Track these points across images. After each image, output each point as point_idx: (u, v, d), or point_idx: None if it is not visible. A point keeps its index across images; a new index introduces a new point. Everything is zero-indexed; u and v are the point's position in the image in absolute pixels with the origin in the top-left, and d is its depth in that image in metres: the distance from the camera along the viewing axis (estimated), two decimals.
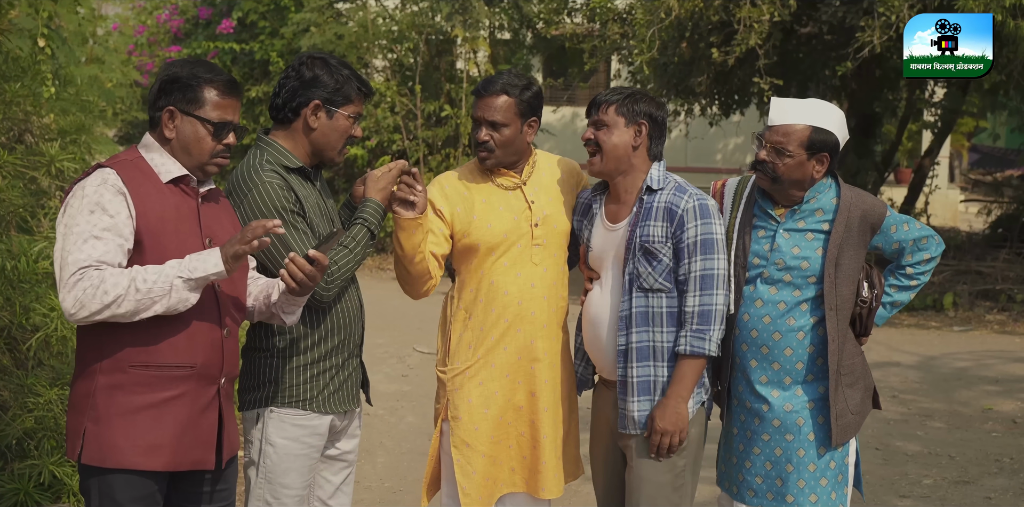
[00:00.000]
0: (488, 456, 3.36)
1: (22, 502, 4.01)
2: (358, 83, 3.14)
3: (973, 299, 10.69)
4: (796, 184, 3.24)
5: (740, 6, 9.53)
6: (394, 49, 13.75)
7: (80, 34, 6.99)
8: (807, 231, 3.24)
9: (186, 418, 2.72)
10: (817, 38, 11.13)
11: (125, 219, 2.63)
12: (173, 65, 2.81)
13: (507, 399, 3.37)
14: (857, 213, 3.23)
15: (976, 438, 6.32)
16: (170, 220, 2.71)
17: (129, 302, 2.57)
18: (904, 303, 3.44)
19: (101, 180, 2.64)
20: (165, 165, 2.75)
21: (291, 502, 3.13)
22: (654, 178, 3.23)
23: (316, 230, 3.08)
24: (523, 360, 3.36)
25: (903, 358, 8.61)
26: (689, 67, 10.90)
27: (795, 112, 3.21)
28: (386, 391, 7.17)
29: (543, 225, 3.38)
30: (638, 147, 3.23)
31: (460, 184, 3.39)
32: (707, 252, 3.15)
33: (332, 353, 3.15)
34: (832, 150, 3.21)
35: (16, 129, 5.29)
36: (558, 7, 12.52)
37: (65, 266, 2.57)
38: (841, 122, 3.26)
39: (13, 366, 4.25)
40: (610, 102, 3.25)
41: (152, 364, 2.67)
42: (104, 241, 2.59)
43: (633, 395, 3.20)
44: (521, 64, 14.62)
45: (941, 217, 16.68)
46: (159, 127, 2.78)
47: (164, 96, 2.75)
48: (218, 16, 14.68)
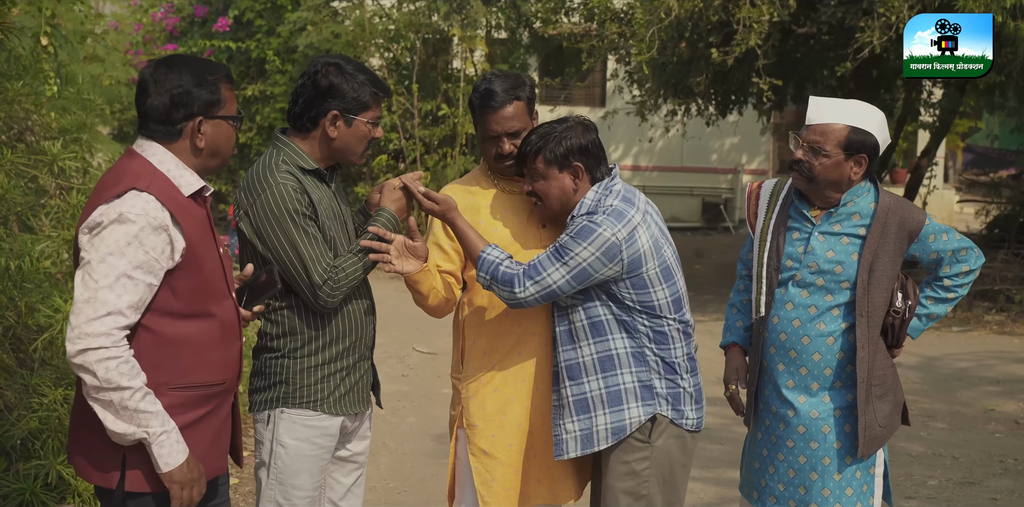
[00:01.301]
0: (508, 465, 3.29)
1: (28, 502, 3.98)
2: (374, 87, 3.10)
3: (971, 299, 10.69)
4: (833, 185, 3.17)
5: (740, 6, 9.53)
6: (391, 48, 13.73)
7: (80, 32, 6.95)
8: (843, 235, 3.18)
9: (215, 431, 2.72)
10: (816, 38, 11.14)
11: (159, 255, 2.53)
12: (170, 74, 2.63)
13: (524, 405, 3.30)
14: (895, 219, 3.17)
15: (979, 439, 6.33)
16: (202, 238, 2.66)
17: (119, 401, 2.48)
18: (940, 316, 3.36)
19: (142, 210, 2.52)
20: (184, 177, 2.65)
21: (302, 503, 3.11)
22: (584, 204, 3.15)
23: (328, 233, 3.06)
24: (539, 366, 3.30)
25: (903, 358, 8.60)
26: (688, 67, 10.90)
27: (834, 112, 3.14)
28: (387, 391, 7.13)
29: (552, 226, 3.34)
30: (578, 188, 3.18)
31: (464, 192, 3.35)
32: (553, 257, 3.06)
33: (343, 355, 3.12)
34: (871, 152, 3.15)
35: (17, 127, 5.26)
36: (555, 6, 12.51)
37: (93, 301, 2.47)
38: (882, 124, 3.19)
39: (17, 366, 4.22)
40: (536, 152, 3.16)
41: (191, 385, 2.64)
42: (135, 282, 2.50)
43: (571, 415, 3.16)
44: (518, 63, 14.61)
45: (937, 217, 16.53)
46: (185, 139, 2.65)
47: (182, 107, 2.62)
48: (214, 14, 14.65)
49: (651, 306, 3.14)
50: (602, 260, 3.05)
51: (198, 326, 2.63)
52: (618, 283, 3.11)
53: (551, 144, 3.15)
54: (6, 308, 4.16)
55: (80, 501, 4.17)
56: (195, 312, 2.63)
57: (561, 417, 3.18)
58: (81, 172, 5.13)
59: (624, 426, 3.13)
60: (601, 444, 3.15)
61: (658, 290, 3.14)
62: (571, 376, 3.16)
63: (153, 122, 2.63)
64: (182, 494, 2.57)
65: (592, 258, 3.04)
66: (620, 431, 3.13)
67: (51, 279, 4.46)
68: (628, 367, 3.14)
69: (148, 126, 2.65)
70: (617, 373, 3.14)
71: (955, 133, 21.40)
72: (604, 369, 3.13)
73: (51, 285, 4.39)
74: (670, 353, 3.18)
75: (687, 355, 3.23)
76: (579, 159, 3.16)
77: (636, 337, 3.14)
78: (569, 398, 3.16)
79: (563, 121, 3.23)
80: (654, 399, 3.15)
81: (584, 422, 3.14)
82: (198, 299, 2.63)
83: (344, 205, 3.22)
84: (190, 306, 2.61)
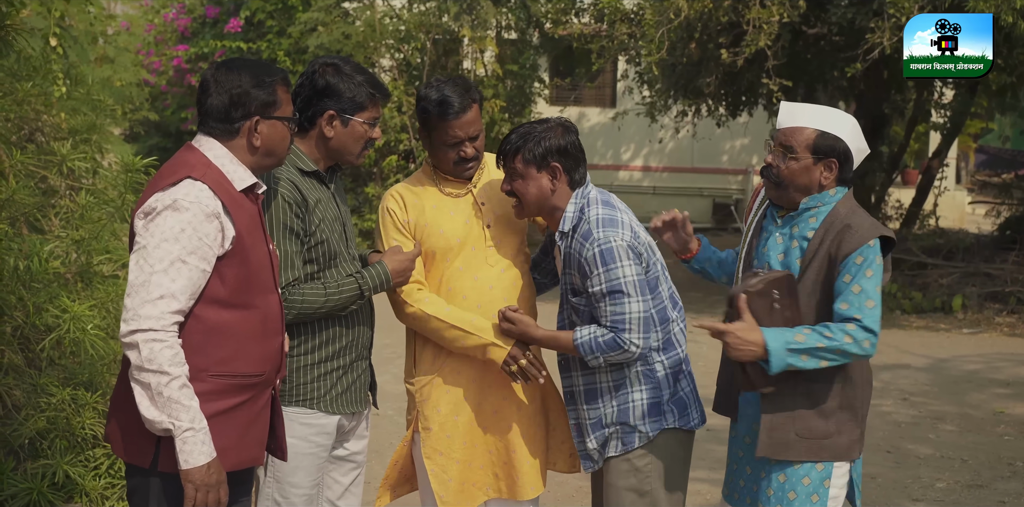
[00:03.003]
0: (463, 461, 3.34)
1: (35, 501, 4.00)
2: (372, 89, 3.10)
3: (982, 301, 10.66)
4: (802, 191, 3.07)
5: (749, 7, 9.52)
6: (401, 49, 13.75)
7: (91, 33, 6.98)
8: (796, 238, 3.09)
9: (248, 420, 2.74)
10: (826, 39, 11.11)
11: (211, 242, 2.60)
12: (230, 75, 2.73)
13: (477, 404, 3.33)
14: (837, 228, 3.00)
15: (988, 441, 6.30)
16: (251, 231, 2.72)
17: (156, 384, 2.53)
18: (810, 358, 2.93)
19: (196, 198, 2.60)
20: (237, 172, 2.73)
21: (300, 501, 3.13)
22: (567, 219, 3.17)
23: (322, 235, 3.06)
24: (488, 364, 3.31)
25: (913, 360, 8.59)
26: (697, 68, 10.88)
27: (804, 116, 3.08)
28: (393, 392, 7.14)
29: (496, 226, 3.34)
30: (556, 189, 3.18)
31: (411, 193, 3.36)
32: (615, 299, 3.08)
33: (339, 354, 3.14)
34: (841, 157, 3.05)
35: (27, 128, 5.28)
36: (566, 7, 12.51)
37: (148, 284, 2.54)
38: (854, 131, 3.10)
39: (26, 366, 4.24)
40: (515, 151, 3.17)
41: (229, 373, 2.68)
42: (188, 267, 2.56)
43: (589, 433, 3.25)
44: (528, 64, 14.61)
45: (949, 218, 16.65)
46: (242, 137, 2.73)
47: (240, 107, 2.71)
48: (225, 15, 14.70)
49: (663, 308, 3.19)
50: (635, 263, 3.10)
51: (242, 316, 2.69)
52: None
53: (530, 144, 3.16)
54: (14, 308, 4.18)
55: (87, 500, 4.19)
56: (239, 302, 2.68)
57: (581, 435, 3.28)
58: (91, 172, 5.16)
59: (633, 440, 3.21)
60: (611, 452, 3.23)
61: (663, 284, 3.22)
62: (588, 400, 3.24)
63: (213, 120, 2.74)
64: (196, 495, 2.58)
65: (631, 267, 3.08)
66: (629, 443, 3.21)
67: (60, 279, 4.48)
68: (639, 385, 3.20)
69: (208, 123, 2.75)
70: (628, 392, 3.20)
71: (967, 134, 21.30)
72: (618, 391, 3.20)
73: (60, 285, 4.41)
74: (677, 357, 3.24)
75: (686, 356, 3.30)
76: (557, 160, 3.16)
77: (647, 354, 3.18)
78: (587, 420, 3.24)
79: (544, 122, 3.23)
80: (660, 415, 3.21)
81: (599, 437, 3.23)
82: (244, 289, 2.69)
83: (344, 206, 3.23)
84: (235, 295, 2.67)
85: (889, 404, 7.17)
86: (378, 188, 13.36)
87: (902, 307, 10.64)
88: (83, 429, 4.16)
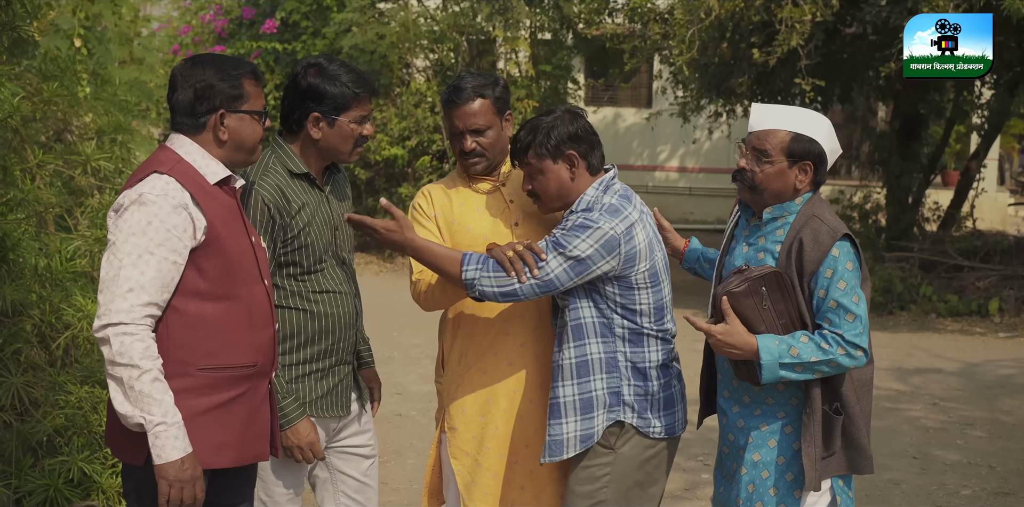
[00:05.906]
0: (486, 469, 3.27)
1: (52, 498, 4.04)
2: (355, 88, 3.05)
3: (1020, 305, 10.47)
4: (777, 195, 3.00)
5: (782, 6, 9.42)
6: (435, 49, 13.77)
7: (121, 34, 7.04)
8: (761, 249, 3.02)
9: (247, 414, 2.75)
10: (861, 38, 10.97)
11: (181, 233, 2.61)
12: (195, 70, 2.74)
13: (501, 408, 3.27)
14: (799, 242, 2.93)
15: (1019, 448, 6.19)
16: (227, 222, 2.73)
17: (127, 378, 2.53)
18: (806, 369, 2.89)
19: (162, 191, 2.62)
20: (209, 166, 2.74)
21: (284, 499, 3.14)
22: (583, 201, 3.09)
23: (308, 238, 3.04)
24: (514, 366, 3.26)
25: (945, 364, 8.46)
26: (730, 68, 10.79)
27: (777, 118, 3.00)
28: (419, 392, 7.16)
29: (525, 223, 3.30)
30: (576, 176, 3.13)
31: (440, 190, 3.35)
32: (555, 248, 2.98)
33: (318, 357, 3.10)
34: (816, 160, 2.98)
35: (55, 128, 5.34)
36: (599, 7, 12.46)
37: (117, 278, 2.56)
38: (829, 133, 3.02)
39: (45, 364, 4.28)
40: (527, 147, 3.10)
41: (219, 366, 2.69)
42: (157, 259, 2.58)
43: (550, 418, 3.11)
44: (562, 64, 14.58)
45: (988, 220, 16.39)
46: (209, 131, 2.75)
47: (205, 101, 2.72)
48: (261, 16, 14.78)
49: (632, 310, 3.09)
50: (601, 253, 2.99)
51: (226, 307, 2.70)
52: (607, 283, 3.06)
53: (540, 137, 3.11)
54: (34, 306, 4.22)
55: (104, 498, 4.22)
56: (222, 293, 2.69)
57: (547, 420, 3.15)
58: (117, 172, 5.21)
59: (592, 434, 3.10)
60: (570, 451, 3.10)
61: (643, 295, 3.09)
62: (552, 378, 3.14)
63: (180, 115, 2.76)
64: (169, 491, 2.58)
65: (591, 250, 2.98)
66: (588, 439, 3.10)
67: (84, 277, 4.53)
68: (600, 373, 3.10)
69: (176, 119, 2.77)
70: (590, 379, 3.10)
71: (1011, 135, 20.96)
72: (579, 374, 3.09)
73: (84, 283, 4.46)
74: (643, 357, 3.12)
75: (661, 362, 3.15)
76: (571, 147, 3.11)
77: (611, 341, 3.09)
78: (551, 400, 3.13)
79: (550, 112, 3.19)
80: (620, 406, 3.11)
81: (555, 427, 3.10)
82: (225, 280, 2.69)
83: (341, 209, 3.20)
84: (217, 286, 2.68)
85: (919, 409, 7.06)
86: (411, 189, 13.38)
87: (937, 310, 10.48)
88: (100, 427, 4.19)
